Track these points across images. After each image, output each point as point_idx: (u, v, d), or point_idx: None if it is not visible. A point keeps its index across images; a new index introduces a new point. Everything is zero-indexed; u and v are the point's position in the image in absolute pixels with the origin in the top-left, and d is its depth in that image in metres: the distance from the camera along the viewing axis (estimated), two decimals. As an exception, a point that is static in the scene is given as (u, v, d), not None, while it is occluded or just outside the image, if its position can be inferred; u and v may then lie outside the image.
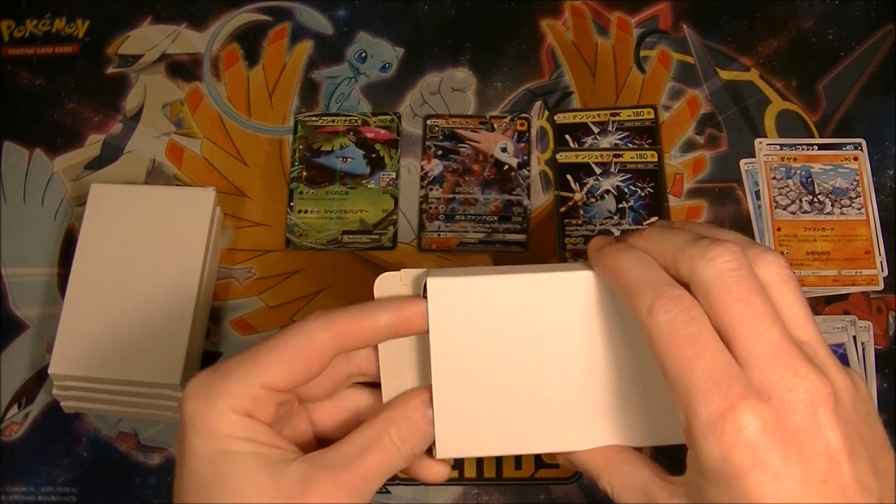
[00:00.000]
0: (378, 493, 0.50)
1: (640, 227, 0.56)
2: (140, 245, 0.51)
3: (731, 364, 0.29)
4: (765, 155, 0.58)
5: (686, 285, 0.31)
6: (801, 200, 0.57)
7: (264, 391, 0.33)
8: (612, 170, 0.57)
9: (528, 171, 0.58)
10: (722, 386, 0.29)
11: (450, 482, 0.51)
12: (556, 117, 0.59)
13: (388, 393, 0.37)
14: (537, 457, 0.51)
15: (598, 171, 0.58)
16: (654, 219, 0.56)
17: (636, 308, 0.32)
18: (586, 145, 0.59)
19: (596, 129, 0.59)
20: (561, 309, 0.36)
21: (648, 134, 0.58)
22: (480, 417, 0.36)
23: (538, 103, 0.60)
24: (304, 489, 0.32)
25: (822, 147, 0.58)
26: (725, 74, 0.60)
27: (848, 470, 0.28)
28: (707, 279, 0.31)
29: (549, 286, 0.36)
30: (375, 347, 0.37)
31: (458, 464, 0.51)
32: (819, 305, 0.54)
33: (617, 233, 0.56)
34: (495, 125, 0.59)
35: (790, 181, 0.57)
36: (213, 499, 0.32)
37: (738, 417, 0.28)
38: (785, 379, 0.29)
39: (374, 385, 0.38)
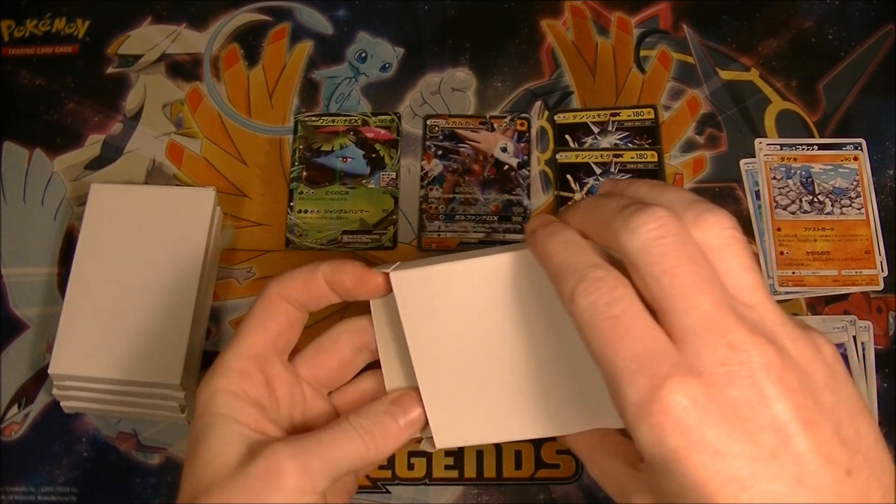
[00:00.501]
0: (378, 492, 0.50)
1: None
2: (140, 245, 0.51)
3: (658, 342, 0.27)
4: (765, 155, 0.58)
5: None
6: (801, 200, 0.57)
7: (249, 361, 0.36)
8: (612, 170, 0.57)
9: (528, 171, 0.58)
10: (647, 366, 0.27)
11: (450, 482, 0.51)
12: (556, 117, 0.59)
13: (388, 378, 0.39)
14: (537, 456, 0.51)
15: (598, 171, 0.58)
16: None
17: (561, 295, 0.30)
18: (586, 145, 0.59)
19: (596, 129, 0.59)
20: (512, 291, 0.35)
21: (648, 134, 0.58)
22: (466, 405, 0.36)
23: (538, 103, 0.60)
24: (274, 464, 0.33)
25: (822, 147, 0.58)
26: (725, 74, 0.60)
27: (802, 442, 0.26)
28: (632, 252, 0.28)
29: (496, 268, 0.35)
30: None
31: (458, 464, 0.51)
32: (819, 305, 0.54)
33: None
34: (495, 125, 0.59)
35: (790, 181, 0.57)
36: (193, 469, 0.34)
37: (665, 397, 0.26)
38: (718, 352, 0.27)
39: None
